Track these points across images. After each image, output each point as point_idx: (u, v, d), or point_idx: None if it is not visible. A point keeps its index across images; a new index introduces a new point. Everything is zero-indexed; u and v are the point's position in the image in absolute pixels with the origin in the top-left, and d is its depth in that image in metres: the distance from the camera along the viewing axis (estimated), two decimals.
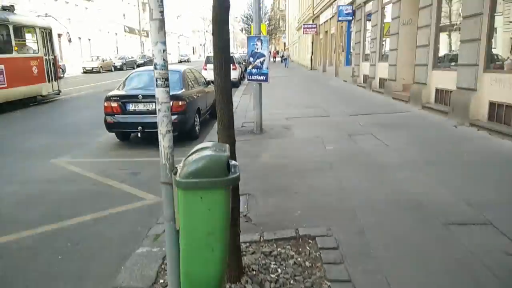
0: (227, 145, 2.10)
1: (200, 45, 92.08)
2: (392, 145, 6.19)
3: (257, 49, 7.76)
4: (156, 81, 1.94)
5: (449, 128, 7.34)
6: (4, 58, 11.53)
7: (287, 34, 61.60)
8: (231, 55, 15.56)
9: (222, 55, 2.50)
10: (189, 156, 1.94)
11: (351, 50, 18.54)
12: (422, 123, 7.98)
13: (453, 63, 8.55)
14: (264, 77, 7.70)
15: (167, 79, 1.96)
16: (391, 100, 11.50)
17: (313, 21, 30.81)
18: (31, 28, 13.17)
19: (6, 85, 11.50)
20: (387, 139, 6.54)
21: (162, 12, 1.94)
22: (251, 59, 7.85)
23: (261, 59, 7.82)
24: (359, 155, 5.71)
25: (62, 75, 16.00)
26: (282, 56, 42.05)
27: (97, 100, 11.68)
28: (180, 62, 56.37)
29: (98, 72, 31.26)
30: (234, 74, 17.80)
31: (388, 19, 12.89)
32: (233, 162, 2.03)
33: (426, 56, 9.45)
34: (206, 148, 1.98)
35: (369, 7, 14.96)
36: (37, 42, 13.25)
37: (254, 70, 7.76)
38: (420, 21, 9.77)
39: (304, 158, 5.69)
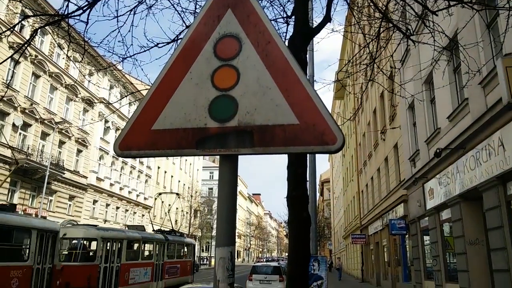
0: None
1: (245, 249, 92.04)
2: None
3: (314, 270, 7.03)
4: None
5: None
6: (180, 261, 21.04)
7: (333, 241, 60.65)
8: (277, 264, 14.54)
9: None
10: None
11: (409, 264, 17.11)
12: None
13: None
14: None
15: None
16: None
17: (361, 231, 30.28)
18: (189, 245, 23.09)
19: (179, 275, 20.54)
20: None
21: (231, 285, 1.44)
22: None
23: (319, 282, 7.01)
24: None
25: (195, 271, 25.85)
26: (331, 264, 40.16)
27: None
28: None
29: None
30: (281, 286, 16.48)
31: (449, 234, 12.09)
32: None
33: (508, 283, 8.15)
34: None
35: (424, 222, 14.40)
36: (190, 252, 22.94)
37: None
38: (492, 243, 8.89)
39: None
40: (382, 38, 5.68)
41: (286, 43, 3.43)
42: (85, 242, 14.67)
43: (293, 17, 3.95)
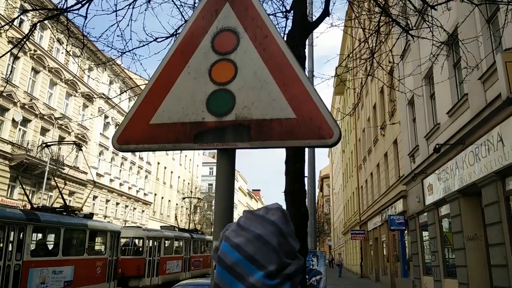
0: None
1: None
2: None
3: (313, 265, 7.06)
4: None
5: None
6: (202, 256, 24.55)
7: (332, 237, 60.83)
8: None
9: None
10: None
11: (408, 260, 17.18)
12: None
13: None
14: None
15: None
16: None
17: (360, 227, 30.36)
18: (210, 242, 25.08)
19: (201, 267, 23.83)
20: None
21: None
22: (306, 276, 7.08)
23: (317, 277, 7.03)
24: None
25: None
26: (332, 260, 40.26)
27: None
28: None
29: None
30: None
31: (447, 229, 12.13)
32: None
33: (507, 278, 8.19)
34: None
35: (423, 218, 14.44)
36: (210, 248, 24.22)
37: None
38: (490, 239, 8.92)
39: None
40: (382, 32, 5.67)
41: (285, 37, 3.43)
42: (134, 240, 18.57)
43: (292, 11, 3.94)
